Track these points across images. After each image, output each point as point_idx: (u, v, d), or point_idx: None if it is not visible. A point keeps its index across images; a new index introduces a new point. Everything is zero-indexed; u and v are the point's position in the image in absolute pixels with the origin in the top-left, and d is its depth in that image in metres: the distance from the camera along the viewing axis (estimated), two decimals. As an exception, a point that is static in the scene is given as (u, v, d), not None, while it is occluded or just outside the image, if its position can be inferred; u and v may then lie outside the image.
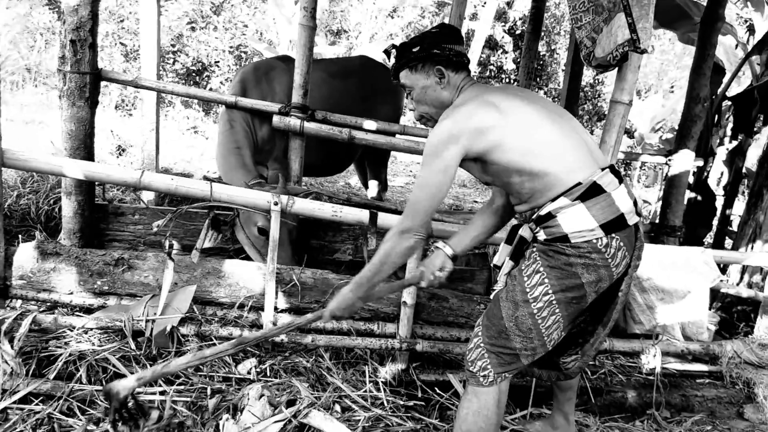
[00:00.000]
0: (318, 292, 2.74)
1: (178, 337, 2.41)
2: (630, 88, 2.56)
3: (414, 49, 1.95)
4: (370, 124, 3.48)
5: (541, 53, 13.99)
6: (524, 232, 1.97)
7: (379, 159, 4.34)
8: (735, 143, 4.69)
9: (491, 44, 13.26)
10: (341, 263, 3.63)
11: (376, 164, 4.35)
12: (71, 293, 2.52)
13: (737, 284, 3.99)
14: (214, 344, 2.48)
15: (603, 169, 1.84)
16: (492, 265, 2.03)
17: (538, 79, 13.92)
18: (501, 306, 1.90)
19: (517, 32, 13.43)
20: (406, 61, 1.96)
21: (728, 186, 4.79)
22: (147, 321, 2.39)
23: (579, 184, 1.78)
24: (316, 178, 5.72)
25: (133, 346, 2.33)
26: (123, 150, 6.75)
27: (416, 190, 1.83)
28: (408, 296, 2.71)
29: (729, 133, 4.89)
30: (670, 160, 3.89)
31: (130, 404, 1.73)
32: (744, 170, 4.81)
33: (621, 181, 1.86)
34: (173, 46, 9.69)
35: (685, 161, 3.82)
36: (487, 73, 13.44)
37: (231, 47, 10.03)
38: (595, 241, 1.76)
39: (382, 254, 1.89)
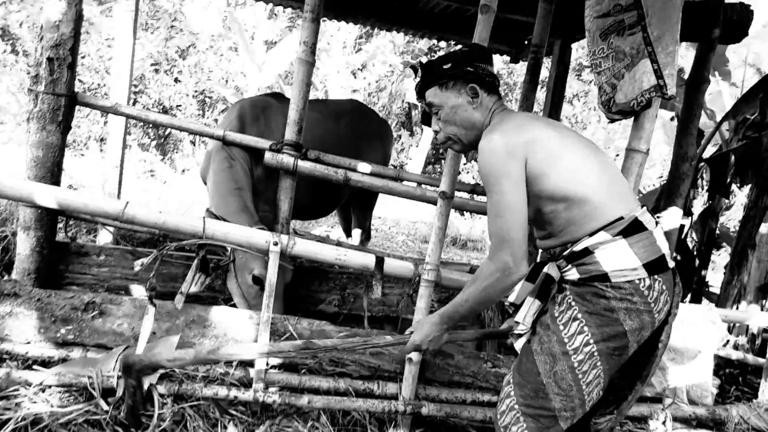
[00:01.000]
0: (315, 346, 2.46)
1: (157, 397, 2.06)
2: (647, 137, 2.51)
3: (445, 66, 1.80)
4: (364, 167, 3.30)
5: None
6: (551, 270, 1.76)
7: (366, 205, 4.15)
8: (707, 204, 4.79)
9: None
10: (326, 315, 3.35)
11: (363, 210, 4.16)
12: (28, 342, 2.14)
13: (723, 346, 3.94)
14: (196, 406, 2.15)
15: (642, 207, 1.72)
16: (507, 303, 1.83)
17: None
18: (536, 360, 1.69)
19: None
20: (436, 77, 1.80)
21: (702, 247, 4.85)
22: (120, 377, 2.04)
23: (620, 218, 1.63)
24: (301, 221, 5.47)
25: (104, 407, 1.96)
26: (75, 190, 6.31)
27: (497, 220, 1.63)
28: (414, 352, 2.46)
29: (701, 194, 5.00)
30: (659, 217, 3.88)
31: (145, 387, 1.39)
32: (717, 231, 4.90)
33: (657, 223, 1.75)
34: (135, 86, 9.37)
35: (674, 219, 3.83)
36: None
37: (195, 92, 9.80)
38: (637, 281, 1.60)
39: (481, 292, 1.67)
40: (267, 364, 2.34)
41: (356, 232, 4.22)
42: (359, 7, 5.64)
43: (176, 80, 9.90)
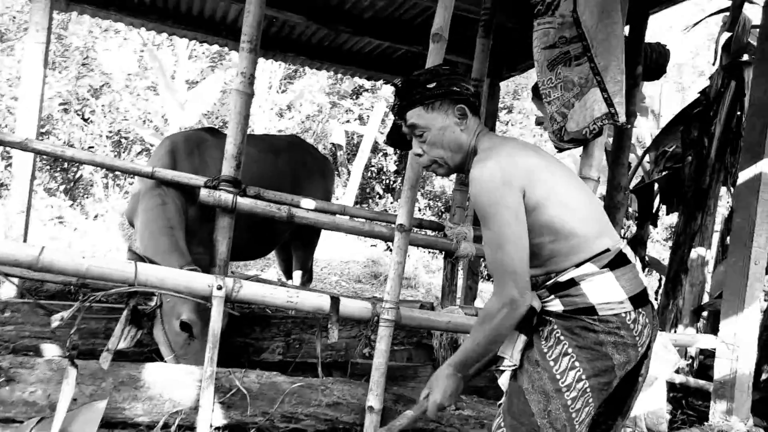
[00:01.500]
0: (266, 401, 2.20)
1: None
2: (598, 165, 2.53)
3: (430, 85, 1.69)
4: (308, 203, 3.13)
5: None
6: (532, 301, 1.64)
7: (308, 243, 3.95)
8: (635, 233, 4.98)
9: (372, 147, 13.73)
10: (270, 365, 3.08)
11: (305, 250, 3.95)
12: None
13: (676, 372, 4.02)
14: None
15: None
16: None
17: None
18: (528, 399, 1.57)
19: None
20: (420, 97, 1.68)
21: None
22: (34, 456, 1.70)
23: (607, 250, 1.57)
24: (235, 263, 5.14)
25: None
26: (-31, 239, 5.63)
27: (498, 253, 1.51)
28: (375, 399, 2.27)
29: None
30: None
31: None
32: (647, 258, 5.10)
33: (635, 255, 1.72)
34: (42, 127, 8.70)
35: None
36: (369, 174, 13.80)
37: (110, 132, 9.24)
38: (624, 315, 1.54)
39: (492, 331, 1.55)
40: (211, 426, 2.06)
41: (297, 274, 3.99)
42: (289, 45, 5.56)
43: (88, 120, 9.29)
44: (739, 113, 3.65)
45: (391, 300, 2.28)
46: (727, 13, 4.04)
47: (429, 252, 11.12)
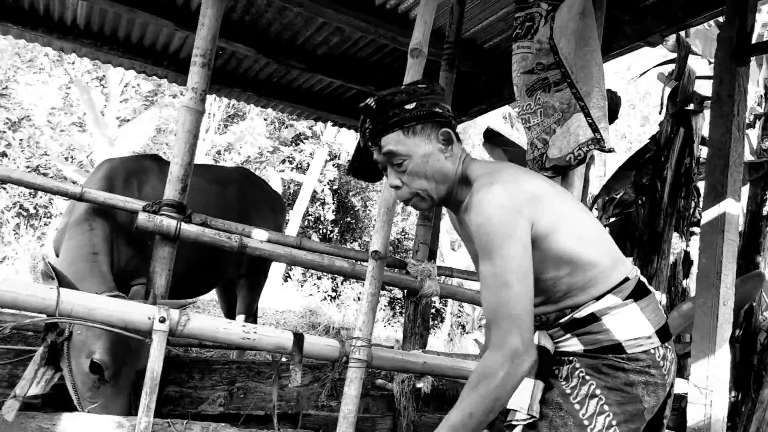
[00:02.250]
0: (212, 459, 1.84)
1: None
2: (578, 194, 2.43)
3: (408, 106, 1.45)
4: (260, 234, 2.83)
5: (356, 207, 14.68)
6: (544, 341, 1.45)
7: (255, 283, 3.61)
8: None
9: (311, 197, 13.51)
10: (210, 417, 2.67)
11: (251, 291, 3.60)
12: None
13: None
14: None
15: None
16: None
17: (351, 234, 14.40)
18: None
19: (335, 187, 13.98)
20: (399, 120, 1.44)
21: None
22: None
23: (626, 279, 1.40)
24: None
25: None
26: None
27: (501, 293, 1.28)
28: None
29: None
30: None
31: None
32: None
33: None
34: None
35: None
36: (305, 223, 13.50)
37: (28, 167, 8.51)
38: (653, 351, 1.36)
39: (489, 395, 1.23)
40: (144, 492, 1.67)
41: (240, 318, 3.61)
42: (235, 79, 5.32)
43: (3, 154, 8.52)
44: (689, 158, 3.76)
45: (362, 337, 2.01)
46: (666, 65, 4.24)
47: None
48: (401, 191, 1.50)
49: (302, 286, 11.87)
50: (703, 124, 3.81)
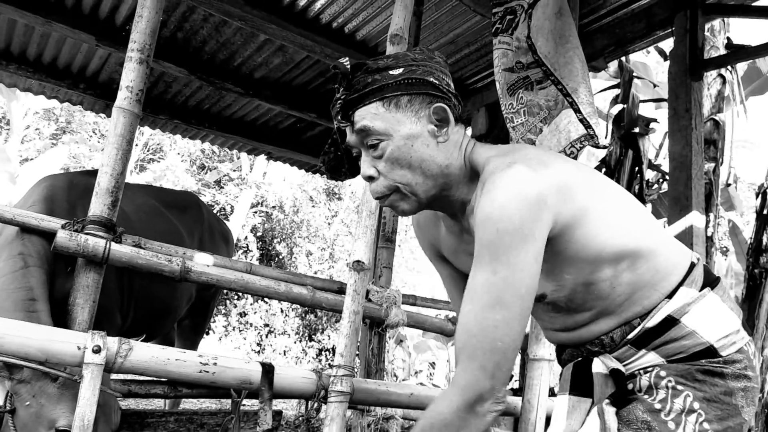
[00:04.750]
0: None
1: None
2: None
3: (393, 72, 1.11)
4: (204, 258, 2.44)
5: (281, 255, 14.17)
6: (603, 366, 1.15)
7: (198, 327, 3.20)
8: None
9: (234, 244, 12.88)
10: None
11: (193, 334, 3.18)
12: None
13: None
14: None
15: None
16: None
17: None
18: None
19: (259, 234, 13.46)
20: (379, 87, 1.10)
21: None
22: None
23: (693, 265, 1.15)
24: None
25: None
26: None
27: (493, 313, 0.97)
28: None
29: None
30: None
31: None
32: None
33: None
34: None
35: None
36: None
37: None
38: (746, 348, 1.10)
39: None
40: None
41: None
42: (162, 105, 4.89)
43: None
44: (638, 176, 3.79)
45: (345, 365, 1.68)
46: (608, 90, 4.35)
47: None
48: (376, 184, 1.14)
49: (221, 340, 11.09)
50: (649, 146, 3.88)
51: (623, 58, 3.94)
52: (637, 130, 3.86)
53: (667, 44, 3.86)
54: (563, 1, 2.24)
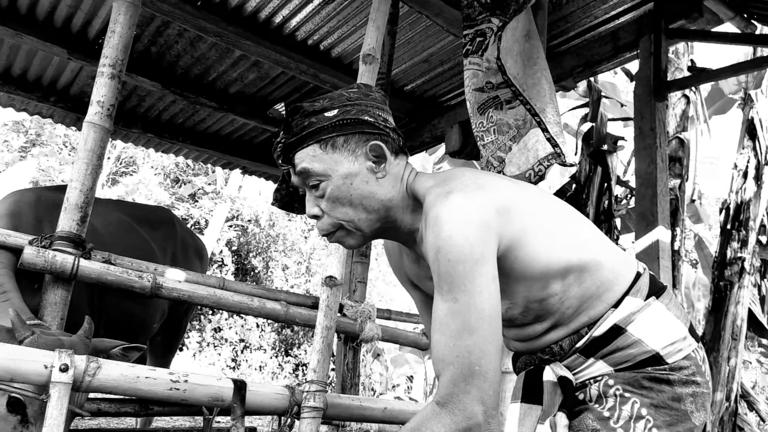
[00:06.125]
0: None
1: None
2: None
3: (329, 113, 1.16)
4: (175, 273, 2.42)
5: (257, 269, 14.04)
6: (553, 374, 1.19)
7: (170, 345, 3.15)
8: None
9: (209, 258, 12.72)
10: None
11: (165, 352, 3.13)
12: None
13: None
14: None
15: None
16: None
17: None
18: None
19: (234, 248, 13.33)
20: (315, 130, 1.14)
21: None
22: None
23: (639, 275, 1.19)
24: None
25: None
26: None
27: (462, 338, 0.99)
28: None
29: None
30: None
31: None
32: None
33: None
34: None
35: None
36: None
37: None
38: (694, 354, 1.14)
39: None
40: None
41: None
42: (134, 118, 4.85)
43: None
44: (607, 193, 3.89)
45: (317, 380, 1.69)
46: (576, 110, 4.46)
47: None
48: (321, 222, 1.18)
49: (195, 356, 10.90)
50: (617, 163, 3.98)
51: (592, 79, 4.06)
52: (605, 147, 3.97)
53: (633, 65, 4.00)
54: (531, 24, 2.31)
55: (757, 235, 3.70)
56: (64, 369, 1.33)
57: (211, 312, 12.92)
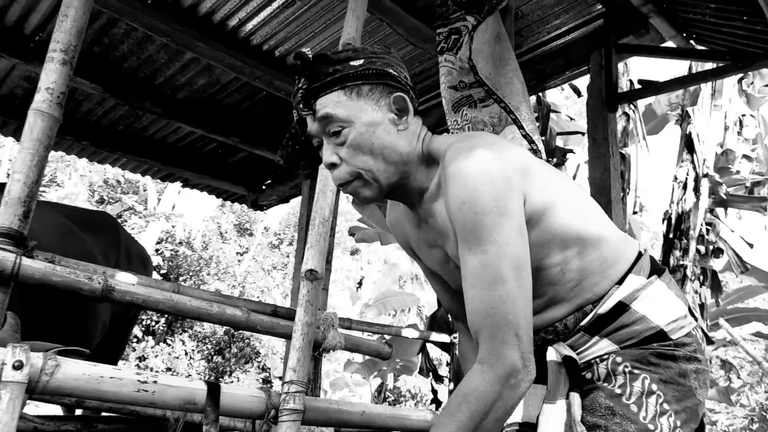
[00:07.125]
0: None
1: None
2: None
3: (354, 63, 1.15)
4: (126, 276, 2.23)
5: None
6: (557, 354, 1.17)
7: (117, 350, 2.89)
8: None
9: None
10: None
11: (112, 354, 2.88)
12: None
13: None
14: None
15: None
16: (519, 423, 1.19)
17: (181, 324, 13.22)
18: None
19: (163, 271, 12.75)
20: (341, 77, 1.13)
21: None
22: None
23: (640, 254, 1.21)
24: None
25: None
26: None
27: (494, 290, 1.00)
28: None
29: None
30: (454, 337, 3.71)
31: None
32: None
33: None
34: None
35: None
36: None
37: None
38: (694, 332, 1.16)
39: (481, 419, 0.96)
40: None
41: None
42: (68, 125, 4.52)
43: None
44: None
45: (297, 380, 1.58)
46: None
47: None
48: (339, 170, 1.16)
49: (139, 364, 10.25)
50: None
51: (540, 94, 4.20)
52: (554, 160, 4.10)
53: (581, 81, 4.16)
54: (501, 27, 2.35)
55: (696, 244, 3.91)
56: (18, 366, 1.15)
57: (135, 340, 12.20)
